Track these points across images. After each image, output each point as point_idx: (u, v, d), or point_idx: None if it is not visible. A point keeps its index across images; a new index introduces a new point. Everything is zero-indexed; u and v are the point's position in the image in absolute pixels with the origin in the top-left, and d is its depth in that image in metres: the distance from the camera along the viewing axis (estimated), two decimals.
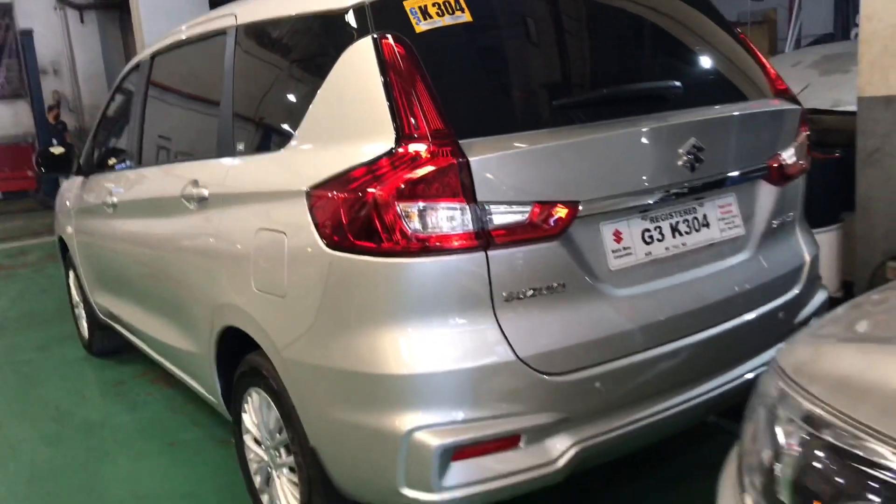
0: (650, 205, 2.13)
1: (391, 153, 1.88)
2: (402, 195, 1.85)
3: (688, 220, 2.23)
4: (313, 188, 2.03)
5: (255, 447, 2.58)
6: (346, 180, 1.95)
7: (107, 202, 3.66)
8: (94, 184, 4.06)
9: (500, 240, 1.88)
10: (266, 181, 2.34)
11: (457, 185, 1.85)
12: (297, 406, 2.18)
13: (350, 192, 1.93)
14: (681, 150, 2.12)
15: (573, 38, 2.39)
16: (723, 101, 2.40)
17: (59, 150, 4.45)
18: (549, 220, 1.93)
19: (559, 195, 1.94)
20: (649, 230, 2.15)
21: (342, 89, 2.10)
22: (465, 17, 2.05)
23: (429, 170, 1.84)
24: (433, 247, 1.86)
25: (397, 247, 1.86)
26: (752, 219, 2.39)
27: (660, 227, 2.17)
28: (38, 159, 4.38)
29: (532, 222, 1.91)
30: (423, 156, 1.85)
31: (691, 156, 2.13)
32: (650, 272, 2.14)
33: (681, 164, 2.13)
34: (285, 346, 2.16)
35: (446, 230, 1.85)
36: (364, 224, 1.89)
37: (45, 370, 4.67)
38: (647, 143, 2.11)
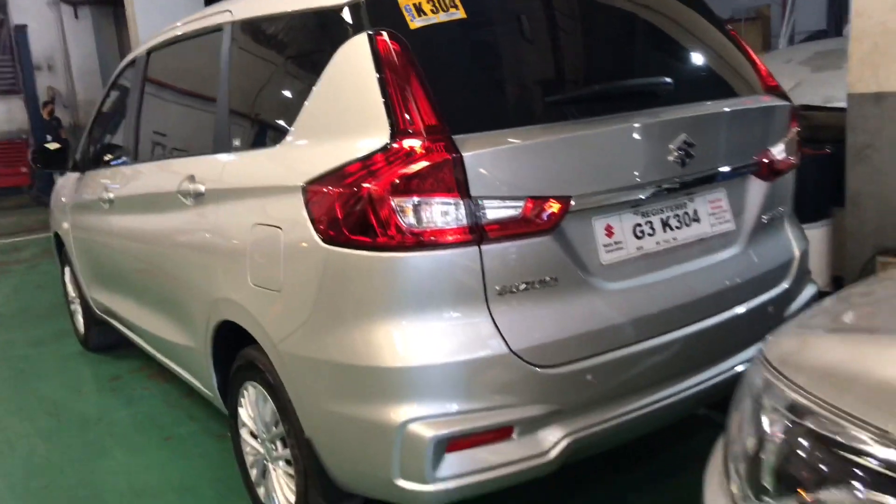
0: (641, 200, 2.16)
1: (386, 149, 1.91)
2: (396, 190, 1.87)
3: (678, 215, 2.26)
4: (309, 183, 2.06)
5: (252, 440, 2.60)
6: (342, 175, 1.97)
7: (103, 198, 3.67)
8: (90, 180, 4.07)
9: (494, 234, 1.91)
10: (262, 177, 2.37)
11: (451, 180, 1.87)
12: (293, 399, 2.20)
13: (345, 187, 1.95)
14: (671, 146, 2.15)
15: (565, 35, 2.42)
16: (713, 97, 2.43)
17: (55, 147, 4.45)
18: (541, 215, 1.95)
19: (552, 190, 1.97)
20: (640, 225, 2.18)
21: (337, 85, 2.12)
22: (460, 13, 2.07)
23: (423, 165, 1.86)
24: (427, 241, 1.88)
25: (392, 241, 1.89)
26: (742, 214, 2.42)
27: (651, 222, 2.20)
28: (35, 155, 4.39)
29: (525, 217, 1.94)
30: (417, 151, 1.88)
31: (682, 151, 2.16)
32: (641, 266, 2.17)
33: (671, 159, 2.16)
34: (281, 339, 2.19)
35: (440, 225, 1.88)
36: (359, 219, 1.92)
37: (41, 366, 4.68)
38: (639, 139, 2.13)
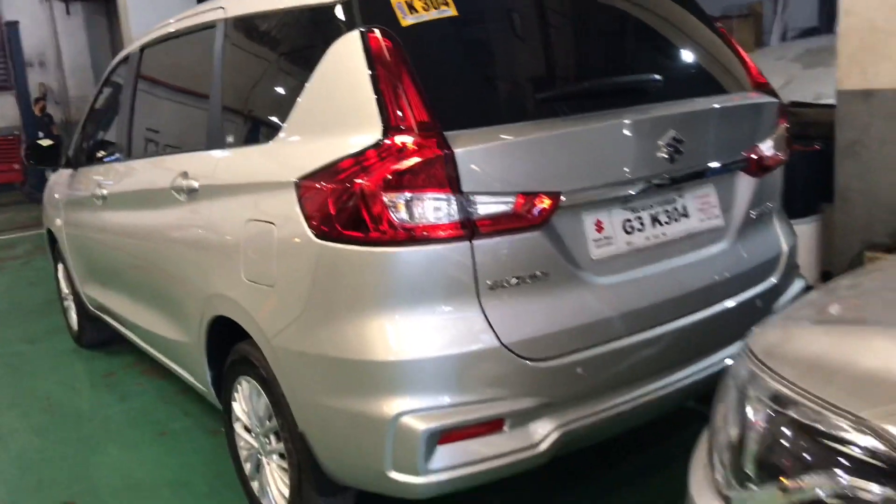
0: (631, 195, 2.18)
1: (378, 145, 1.93)
2: (388, 186, 1.89)
3: (668, 211, 2.29)
4: (302, 179, 2.07)
5: (246, 435, 2.62)
6: (334, 171, 1.99)
7: (96, 194, 3.68)
8: (83, 176, 4.08)
9: (485, 229, 1.93)
10: (255, 173, 2.38)
11: (442, 176, 1.89)
12: (287, 393, 2.22)
13: (338, 182, 1.97)
14: (660, 142, 2.17)
15: (556, 32, 2.44)
16: (702, 94, 2.45)
17: (48, 143, 4.45)
18: (532, 211, 1.97)
19: (542, 186, 1.99)
20: (630, 220, 2.20)
21: (330, 82, 2.14)
22: (451, 11, 2.09)
23: (415, 161, 1.88)
24: (419, 236, 1.90)
25: (384, 236, 1.91)
26: (730, 209, 2.45)
27: (640, 218, 2.22)
28: (28, 152, 4.39)
29: (516, 212, 1.96)
30: (409, 147, 1.90)
31: (671, 148, 2.18)
32: (631, 261, 2.20)
33: (661, 155, 2.18)
34: (275, 334, 2.20)
35: (432, 220, 1.90)
36: (352, 214, 1.94)
37: (35, 362, 4.69)
38: (628, 136, 2.16)
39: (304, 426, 2.19)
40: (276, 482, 2.47)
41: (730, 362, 2.33)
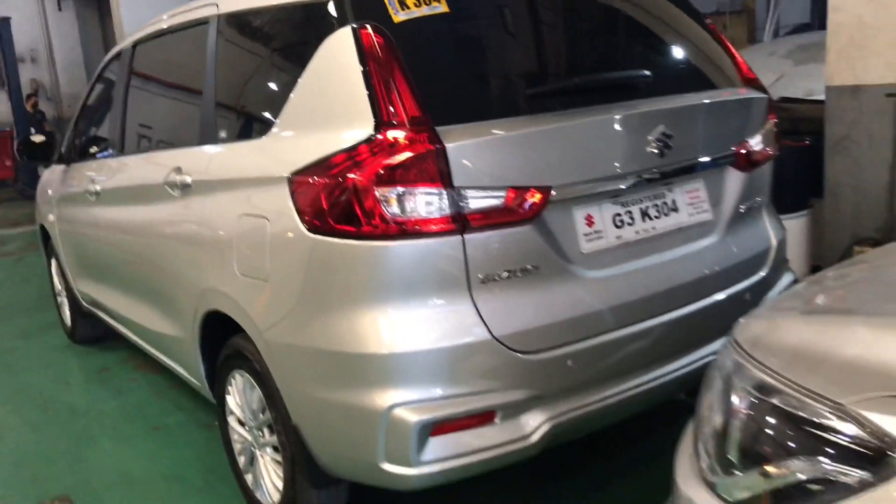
0: (621, 190, 2.20)
1: (370, 140, 1.94)
2: (381, 180, 1.91)
3: (657, 205, 2.31)
4: (295, 174, 2.09)
5: (239, 428, 2.64)
6: (327, 166, 2.01)
7: (89, 190, 3.68)
8: (76, 172, 4.08)
9: (476, 223, 1.95)
10: (248, 168, 2.39)
11: (434, 170, 1.91)
12: (280, 386, 2.24)
13: (331, 177, 1.99)
14: (650, 138, 2.20)
15: (546, 28, 2.46)
16: (692, 89, 2.47)
17: (41, 139, 4.45)
18: (523, 205, 2.00)
19: (533, 180, 2.01)
20: (620, 214, 2.22)
21: (322, 78, 2.16)
22: (442, 7, 2.11)
23: (407, 156, 1.90)
24: (411, 230, 1.92)
25: (377, 230, 1.92)
26: (720, 204, 2.47)
27: (630, 212, 2.25)
28: (20, 147, 4.38)
29: (507, 207, 1.98)
30: (401, 142, 1.91)
31: (660, 143, 2.21)
32: (621, 255, 2.22)
33: (650, 150, 2.20)
34: (268, 328, 2.22)
35: (424, 214, 1.92)
36: (344, 208, 1.95)
37: (29, 358, 4.69)
38: (618, 131, 2.18)
39: (298, 419, 2.20)
40: (269, 475, 2.49)
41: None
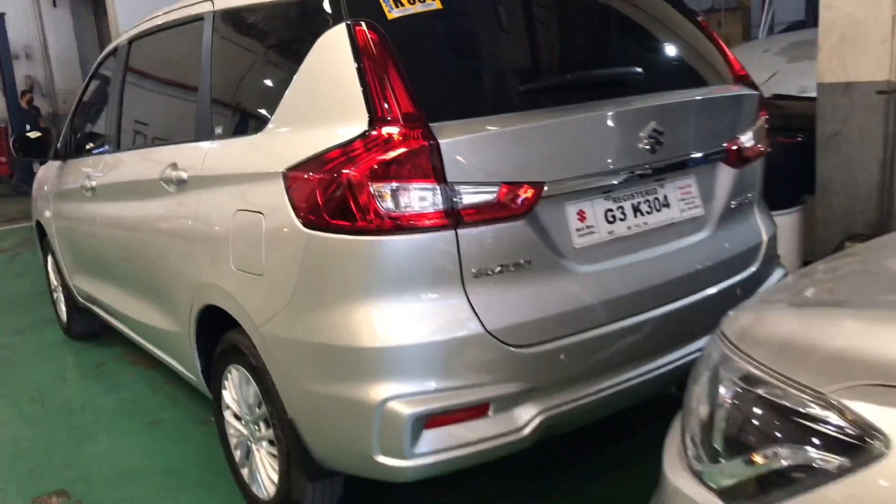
0: (613, 186, 2.23)
1: (364, 135, 1.96)
2: (375, 176, 1.93)
3: (649, 201, 2.33)
4: (290, 170, 2.11)
5: (235, 422, 2.66)
6: (322, 162, 2.02)
7: (85, 186, 3.70)
8: (72, 168, 4.09)
9: (469, 219, 1.97)
10: (244, 163, 2.41)
11: (427, 166, 1.93)
12: (276, 380, 2.26)
13: (325, 173, 2.00)
14: (642, 134, 2.22)
15: (539, 25, 2.48)
16: (683, 86, 2.50)
17: (36, 135, 4.45)
18: (515, 200, 2.02)
19: (525, 176, 2.04)
20: (612, 210, 2.25)
21: (317, 74, 2.17)
22: (436, 4, 2.13)
23: (401, 151, 1.92)
24: (405, 225, 1.94)
25: (371, 225, 1.94)
26: (711, 199, 2.50)
27: (622, 207, 2.27)
28: (16, 144, 4.38)
29: (500, 202, 2.00)
30: (395, 138, 1.93)
31: (652, 139, 2.23)
32: (613, 250, 2.24)
33: (642, 146, 2.22)
34: (264, 322, 2.24)
35: (418, 209, 1.94)
36: (339, 204, 1.97)
37: (25, 354, 4.70)
38: (610, 127, 2.20)
39: (293, 413, 2.22)
40: (265, 468, 2.51)
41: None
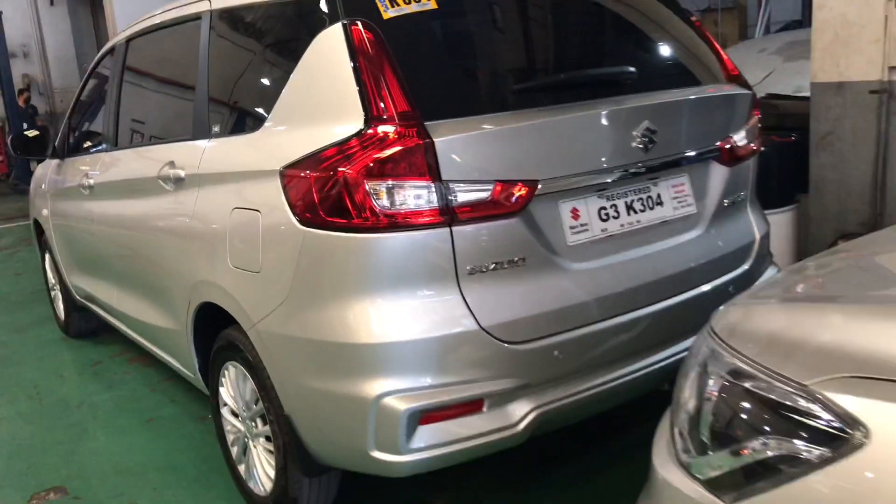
0: (606, 184, 2.25)
1: (360, 134, 1.98)
2: (370, 174, 1.95)
3: (642, 199, 2.36)
4: (286, 168, 2.13)
5: (233, 419, 2.68)
6: (318, 160, 2.04)
7: (83, 184, 3.71)
8: (69, 166, 4.10)
9: (464, 216, 2.00)
10: (241, 162, 2.43)
11: (422, 164, 1.95)
12: (273, 377, 2.28)
13: (322, 171, 2.02)
14: (635, 133, 2.24)
15: (533, 25, 2.50)
16: (676, 85, 2.52)
17: (34, 133, 4.46)
18: (510, 198, 2.04)
19: (519, 174, 2.06)
20: (605, 208, 2.27)
21: (314, 73, 2.19)
22: (431, 4, 2.15)
23: (396, 150, 1.94)
24: (401, 223, 1.96)
25: (367, 223, 1.96)
26: (704, 198, 2.52)
27: (615, 206, 2.29)
28: (14, 142, 4.39)
29: (494, 200, 2.02)
30: (390, 136, 1.95)
31: (645, 138, 2.25)
32: (606, 247, 2.27)
33: (635, 145, 2.25)
34: (260, 319, 2.26)
35: (413, 207, 1.96)
36: (335, 201, 1.99)
37: (22, 352, 4.71)
38: (603, 126, 2.23)
39: (290, 409, 2.24)
40: (262, 464, 2.53)
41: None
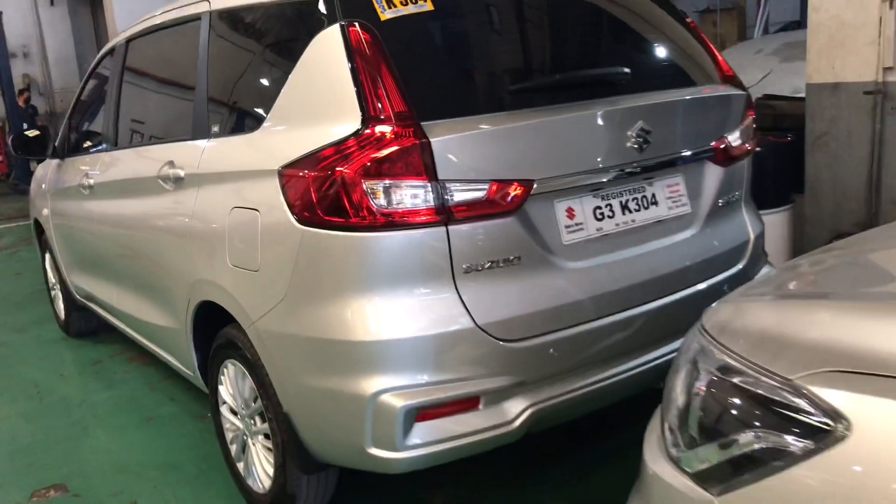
0: (601, 184, 2.27)
1: (358, 134, 2.01)
2: (368, 173, 1.97)
3: (637, 199, 2.38)
4: (285, 167, 2.15)
5: (232, 417, 2.70)
6: (316, 160, 2.07)
7: (83, 184, 3.73)
8: (69, 166, 4.13)
9: (460, 215, 2.02)
10: (240, 161, 2.45)
11: (419, 164, 1.97)
12: (271, 375, 2.30)
13: (320, 170, 2.05)
14: (630, 133, 2.26)
15: (529, 25, 2.52)
16: (671, 86, 2.54)
17: (34, 133, 4.48)
18: (505, 198, 2.06)
19: (515, 174, 2.08)
20: (600, 207, 2.29)
21: (312, 74, 2.22)
22: (428, 6, 2.17)
23: (393, 149, 1.97)
24: (397, 222, 1.99)
25: (364, 222, 1.99)
26: (698, 198, 2.54)
27: (610, 205, 2.31)
28: (14, 142, 4.41)
29: (490, 199, 2.04)
30: (387, 136, 1.98)
31: (640, 138, 2.27)
32: (601, 247, 2.29)
33: (630, 145, 2.27)
34: (259, 317, 2.28)
35: (409, 206, 1.98)
36: (333, 201, 2.02)
37: (23, 351, 4.73)
38: (598, 126, 2.25)
39: (289, 406, 2.27)
40: (261, 462, 2.55)
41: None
